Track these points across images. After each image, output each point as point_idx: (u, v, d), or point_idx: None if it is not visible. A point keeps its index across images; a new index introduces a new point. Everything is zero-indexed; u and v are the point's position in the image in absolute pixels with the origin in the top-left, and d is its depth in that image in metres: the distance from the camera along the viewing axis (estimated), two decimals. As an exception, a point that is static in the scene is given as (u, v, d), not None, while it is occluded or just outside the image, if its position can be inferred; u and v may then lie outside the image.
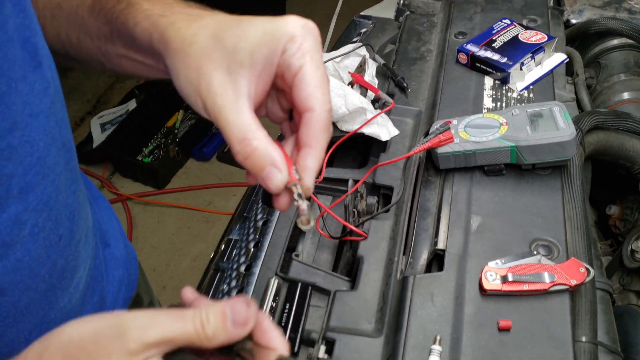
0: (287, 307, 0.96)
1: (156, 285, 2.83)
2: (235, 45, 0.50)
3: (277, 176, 0.52)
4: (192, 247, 3.02)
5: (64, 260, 0.66)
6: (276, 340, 0.52)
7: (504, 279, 0.88)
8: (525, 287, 0.87)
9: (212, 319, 0.46)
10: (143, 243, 3.05)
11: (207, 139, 3.49)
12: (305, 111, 0.52)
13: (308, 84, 0.51)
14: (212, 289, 1.15)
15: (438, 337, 0.84)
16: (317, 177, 1.25)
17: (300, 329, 0.93)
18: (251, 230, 1.19)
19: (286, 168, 0.52)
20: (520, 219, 0.99)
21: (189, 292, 0.56)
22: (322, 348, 0.92)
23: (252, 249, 1.12)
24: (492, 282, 0.88)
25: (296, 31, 0.51)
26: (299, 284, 1.00)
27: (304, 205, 0.55)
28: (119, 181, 3.38)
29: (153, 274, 2.87)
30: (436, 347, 0.82)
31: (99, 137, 3.38)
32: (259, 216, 1.19)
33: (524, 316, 0.86)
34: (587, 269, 0.88)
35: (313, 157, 0.53)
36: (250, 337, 0.51)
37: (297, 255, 1.16)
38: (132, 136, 3.39)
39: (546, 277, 0.87)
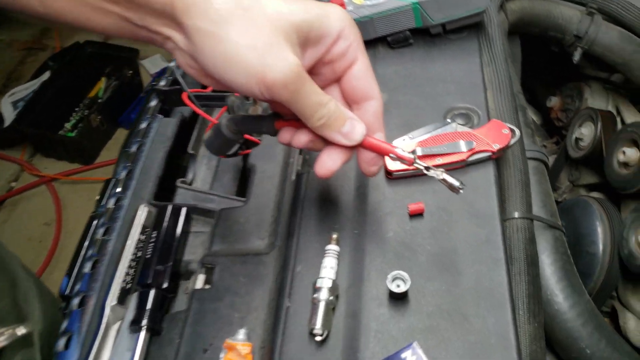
0: (155, 235, 0.77)
1: (93, 265, 2.60)
2: (293, 21, 0.51)
3: (358, 127, 0.56)
4: (130, 221, 2.78)
5: None
6: None
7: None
8: (439, 160, 0.69)
9: None
10: (74, 225, 2.79)
11: (135, 104, 3.21)
12: (367, 100, 0.58)
13: (366, 76, 0.57)
14: (87, 240, 0.94)
15: (334, 236, 0.66)
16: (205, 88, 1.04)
17: (171, 260, 0.74)
18: (127, 163, 0.98)
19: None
20: (431, 89, 0.81)
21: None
22: (201, 277, 0.73)
23: (123, 179, 0.92)
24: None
25: (345, 23, 0.54)
26: (169, 207, 0.80)
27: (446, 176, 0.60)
28: (41, 162, 3.08)
29: (89, 254, 2.64)
30: (331, 247, 0.65)
31: (10, 117, 3.07)
32: (133, 146, 0.98)
33: (439, 197, 0.69)
34: (512, 130, 0.71)
35: (384, 137, 0.60)
36: None
37: (184, 182, 0.96)
38: (49, 111, 3.07)
39: (463, 146, 0.70)
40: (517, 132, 0.71)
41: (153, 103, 1.04)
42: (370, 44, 0.88)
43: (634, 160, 1.10)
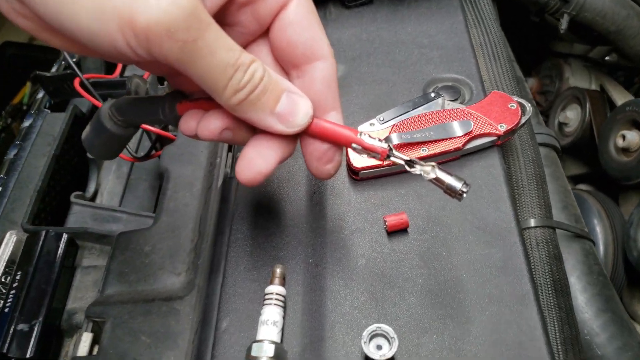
0: (19, 277, 0.52)
1: None
2: None
3: (302, 104, 0.36)
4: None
5: None
6: None
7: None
8: (424, 151, 0.48)
9: None
10: None
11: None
12: (312, 60, 0.38)
13: (308, 22, 0.38)
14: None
15: (278, 270, 0.44)
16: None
17: (42, 314, 0.50)
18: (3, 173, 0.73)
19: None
20: (404, 57, 0.60)
21: None
22: (87, 337, 0.49)
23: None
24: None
25: None
26: (43, 233, 0.56)
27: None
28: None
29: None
30: (274, 290, 0.42)
31: None
32: (11, 152, 0.73)
33: (429, 203, 0.48)
34: (521, 104, 0.51)
35: (341, 119, 0.39)
36: None
37: (80, 197, 0.72)
38: (-39, 121, 2.73)
39: (457, 128, 0.49)
40: (528, 106, 0.51)
41: (39, 95, 0.80)
42: (318, 3, 0.67)
43: (636, 145, 0.94)
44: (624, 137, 0.94)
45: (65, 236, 0.56)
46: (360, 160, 0.48)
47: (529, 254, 0.48)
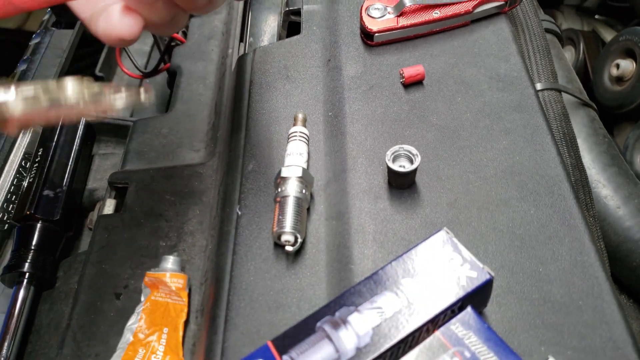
0: (41, 154, 0.53)
1: None
2: None
3: None
4: None
5: None
6: None
7: (399, 9, 0.50)
8: (437, 13, 0.50)
9: None
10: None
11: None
12: None
13: None
14: None
15: (300, 116, 0.45)
16: None
17: (65, 184, 0.51)
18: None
19: None
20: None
21: None
22: (111, 203, 0.50)
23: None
24: (380, 19, 0.50)
25: None
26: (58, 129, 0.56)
27: None
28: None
29: None
30: (297, 130, 0.44)
31: None
32: (21, 66, 0.74)
33: (444, 61, 0.49)
34: (527, -24, 0.53)
35: None
36: None
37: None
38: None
39: (467, -6, 0.51)
40: (534, -22, 0.53)
41: (45, 17, 0.80)
42: None
43: (630, 73, 0.96)
44: (618, 66, 0.97)
45: (83, 119, 0.57)
46: (374, 23, 0.50)
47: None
